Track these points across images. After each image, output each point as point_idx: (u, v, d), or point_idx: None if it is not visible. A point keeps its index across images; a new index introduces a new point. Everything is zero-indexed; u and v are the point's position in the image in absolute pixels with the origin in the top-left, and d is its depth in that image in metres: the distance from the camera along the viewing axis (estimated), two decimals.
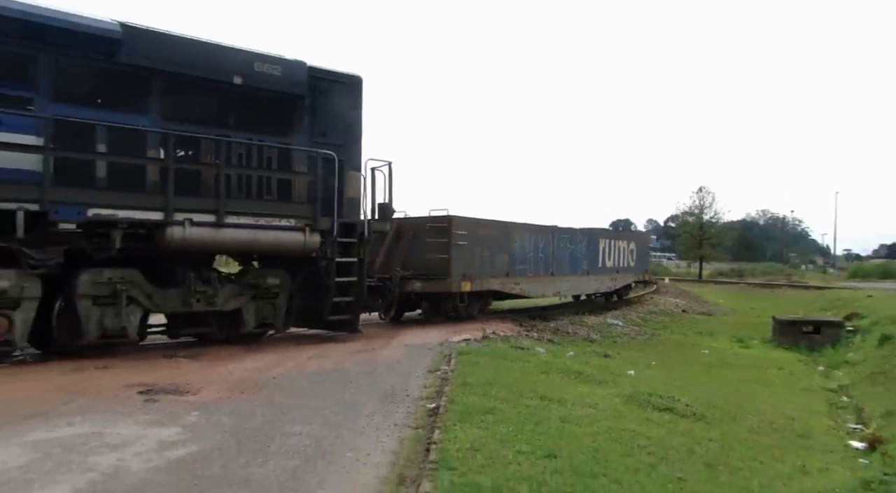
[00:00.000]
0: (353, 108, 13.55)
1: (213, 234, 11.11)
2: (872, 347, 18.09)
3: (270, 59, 12.10)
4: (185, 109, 11.23)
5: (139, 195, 10.48)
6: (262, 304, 12.25)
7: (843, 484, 7.94)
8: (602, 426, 7.65)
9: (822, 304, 31.37)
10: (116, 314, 10.30)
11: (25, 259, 9.44)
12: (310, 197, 12.48)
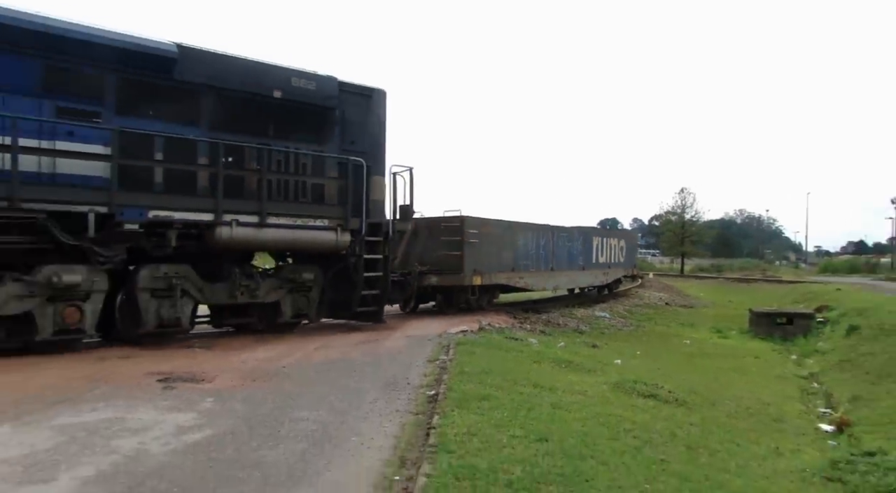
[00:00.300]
0: (377, 118, 14.00)
1: (257, 233, 11.54)
2: (840, 337, 18.13)
3: (306, 75, 12.59)
4: (230, 120, 11.65)
5: (192, 199, 10.92)
6: (297, 296, 12.69)
7: (814, 464, 7.97)
8: (590, 412, 7.67)
9: (794, 297, 31.42)
10: (172, 306, 10.75)
11: (95, 256, 9.86)
12: (340, 200, 12.90)
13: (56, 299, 9.56)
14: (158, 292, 10.66)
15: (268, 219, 11.61)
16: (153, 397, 7.18)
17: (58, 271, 9.49)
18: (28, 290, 9.32)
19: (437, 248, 17.32)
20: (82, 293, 9.77)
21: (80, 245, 9.67)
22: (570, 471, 5.27)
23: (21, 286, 9.29)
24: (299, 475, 4.92)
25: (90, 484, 4.59)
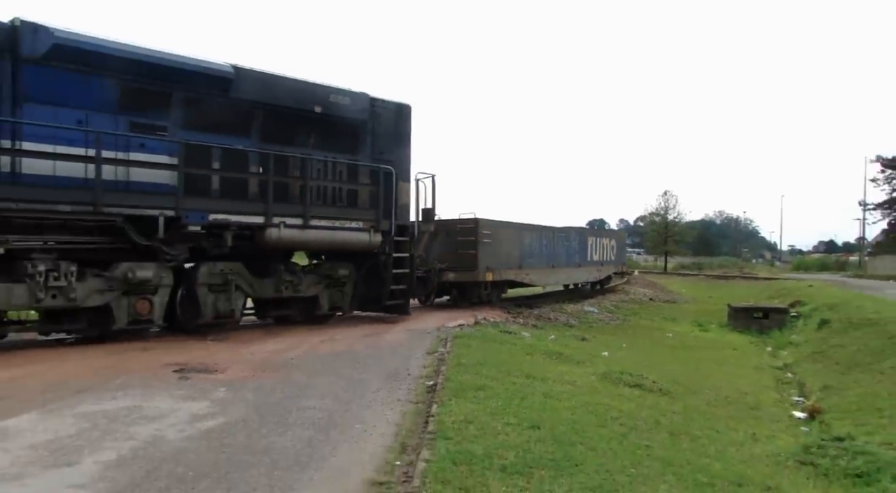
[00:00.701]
0: (404, 129, 14.62)
1: (301, 234, 12.11)
2: (813, 330, 18.13)
3: (342, 92, 13.20)
4: (277, 132, 12.24)
5: (245, 203, 11.50)
6: (333, 291, 13.24)
7: (787, 449, 7.98)
8: (580, 401, 7.67)
9: (770, 293, 31.44)
10: (227, 299, 11.30)
11: (163, 255, 10.45)
12: (372, 204, 13.50)
13: (130, 293, 10.12)
14: (215, 286, 11.19)
15: (310, 221, 12.21)
16: (169, 386, 7.18)
17: (132, 268, 10.06)
18: (107, 284, 9.87)
19: (454, 247, 17.87)
20: (152, 288, 10.34)
21: (150, 245, 10.25)
22: (561, 456, 5.28)
23: (101, 281, 9.82)
24: (306, 461, 4.92)
25: (111, 468, 4.60)
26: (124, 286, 9.99)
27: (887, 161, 53.52)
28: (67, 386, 6.97)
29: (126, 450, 4.97)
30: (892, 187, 54.50)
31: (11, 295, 9.02)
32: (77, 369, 7.93)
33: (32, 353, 8.88)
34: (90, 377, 7.47)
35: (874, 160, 54.61)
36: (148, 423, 5.71)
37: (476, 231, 17.94)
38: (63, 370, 7.86)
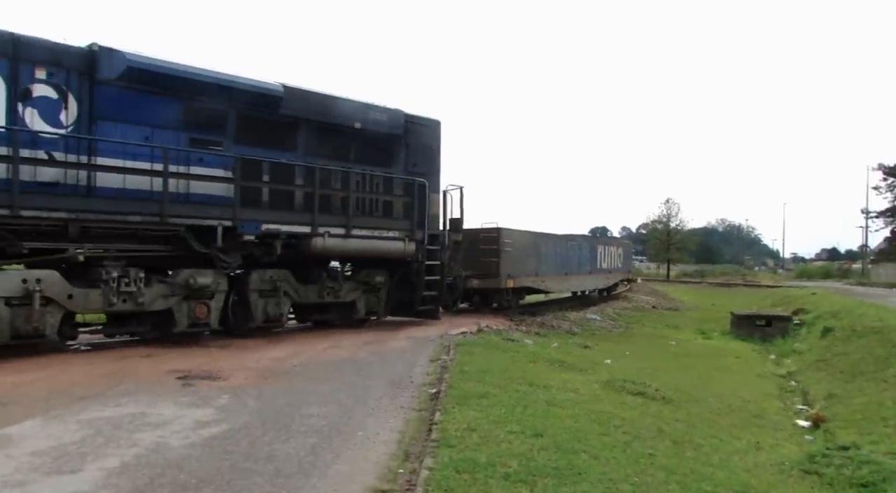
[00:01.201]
0: (434, 143, 15.36)
1: (343, 243, 12.82)
2: (816, 338, 18.07)
3: (379, 109, 13.91)
4: (320, 147, 12.89)
5: (293, 213, 12.18)
6: (369, 296, 13.98)
7: (791, 458, 7.93)
8: (583, 409, 7.63)
9: (773, 300, 31.37)
10: (276, 304, 12.03)
11: (220, 262, 11.09)
12: (406, 214, 14.24)
13: (190, 298, 10.79)
14: (265, 292, 11.92)
15: (352, 231, 12.94)
16: (173, 393, 7.17)
17: (193, 275, 10.75)
18: (170, 290, 10.58)
19: (477, 255, 18.40)
20: (209, 293, 11.02)
21: (208, 253, 10.91)
22: (564, 464, 5.25)
23: (165, 287, 10.55)
24: (309, 468, 4.90)
25: (115, 475, 4.58)
26: (185, 291, 10.68)
27: (889, 169, 53.46)
28: (71, 393, 6.96)
29: (129, 457, 4.96)
30: (894, 195, 54.44)
31: (88, 299, 9.68)
32: (81, 376, 7.92)
33: (37, 359, 8.87)
34: (94, 384, 7.46)
35: (876, 168, 54.59)
36: (151, 430, 5.70)
37: (499, 240, 18.58)
38: (67, 377, 7.85)
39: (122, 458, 4.92)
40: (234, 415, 6.31)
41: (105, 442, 5.29)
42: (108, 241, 10.02)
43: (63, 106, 9.78)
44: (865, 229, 59.84)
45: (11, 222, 9.00)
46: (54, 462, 4.79)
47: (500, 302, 19.13)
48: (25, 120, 9.35)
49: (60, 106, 9.75)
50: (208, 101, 11.16)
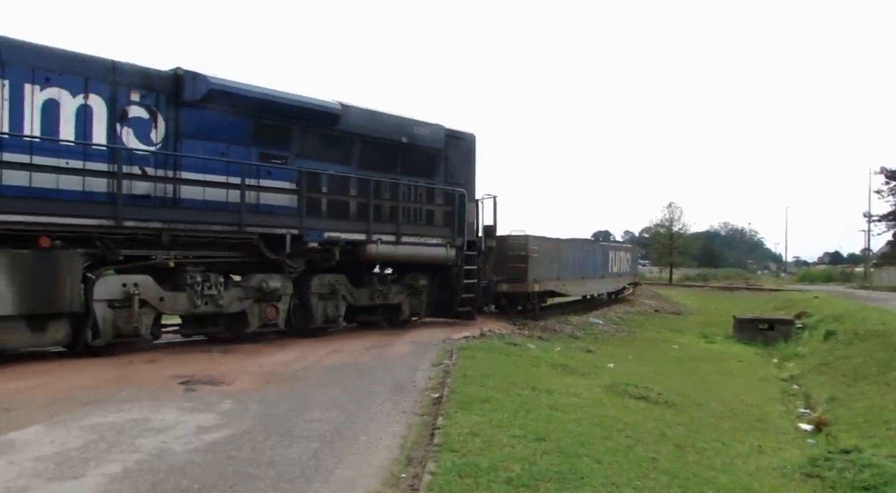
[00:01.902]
0: (470, 155, 16.53)
1: (394, 249, 13.83)
2: (818, 341, 18.02)
3: (423, 124, 15.04)
4: (372, 160, 13.87)
5: (349, 222, 13.16)
6: (413, 299, 14.97)
7: (794, 461, 7.90)
8: (585, 413, 7.62)
9: (775, 304, 31.26)
10: (335, 306, 13.04)
11: (287, 268, 12.03)
12: (446, 222, 15.28)
13: (261, 301, 11.76)
14: (324, 295, 12.93)
15: (402, 238, 13.96)
16: (176, 398, 7.17)
17: (265, 279, 11.73)
18: (244, 293, 11.56)
19: (506, 261, 19.10)
20: (277, 296, 11.97)
21: (277, 259, 11.86)
22: (567, 469, 5.24)
23: (240, 290, 11.55)
24: (312, 473, 4.90)
25: (117, 481, 4.59)
26: (257, 295, 11.66)
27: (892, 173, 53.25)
28: (74, 398, 6.97)
29: (132, 462, 4.96)
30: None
31: (176, 302, 10.64)
32: (84, 381, 7.92)
33: (40, 365, 8.89)
34: (97, 389, 7.47)
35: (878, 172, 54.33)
36: (154, 435, 5.70)
37: (527, 247, 19.53)
38: (70, 382, 7.86)
39: (124, 463, 4.92)
40: (237, 420, 6.31)
41: (108, 448, 5.30)
42: (190, 248, 10.98)
43: (153, 125, 10.73)
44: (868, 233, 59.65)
45: (114, 232, 9.92)
46: (57, 468, 4.79)
47: (526, 305, 20.01)
48: (122, 138, 10.32)
49: (151, 125, 10.70)
50: (275, 118, 12.16)
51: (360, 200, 13.36)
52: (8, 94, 9.23)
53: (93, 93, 10.06)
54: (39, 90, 9.52)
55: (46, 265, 9.32)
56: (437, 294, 15.58)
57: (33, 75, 9.45)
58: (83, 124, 9.95)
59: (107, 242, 9.92)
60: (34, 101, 9.50)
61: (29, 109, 9.44)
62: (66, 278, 9.42)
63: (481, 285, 16.72)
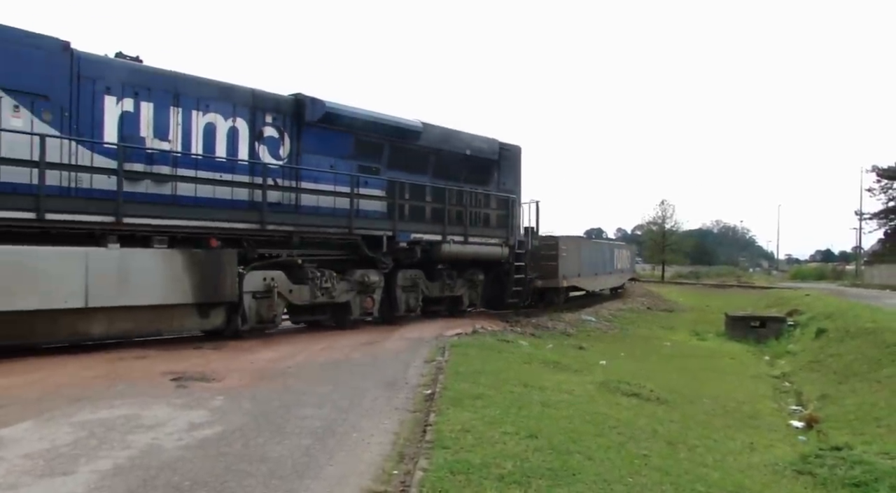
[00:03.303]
0: (517, 165, 18.87)
1: (462, 248, 16.06)
2: (810, 339, 18.10)
3: (481, 139, 17.42)
4: (443, 171, 16.14)
5: (426, 224, 15.23)
6: (471, 291, 17.21)
7: (785, 458, 7.94)
8: (577, 410, 7.64)
9: (767, 302, 31.43)
10: (415, 297, 15.31)
11: (381, 264, 14.06)
12: (499, 224, 17.57)
13: (361, 292, 13.78)
14: (406, 288, 15.06)
15: (469, 238, 16.18)
16: (167, 395, 7.15)
17: (366, 273, 13.80)
18: (349, 286, 13.52)
19: (539, 259, 20.53)
20: (373, 288, 13.98)
21: (374, 257, 13.88)
22: (559, 465, 5.26)
23: (346, 284, 13.47)
24: (303, 469, 4.89)
25: (108, 477, 4.57)
26: (359, 287, 13.69)
27: (883, 171, 53.69)
28: (65, 394, 6.94)
29: (123, 459, 4.94)
30: (888, 197, 54.71)
31: (301, 293, 12.51)
32: (75, 378, 7.89)
33: (30, 361, 8.84)
34: (88, 386, 7.44)
35: (870, 170, 54.85)
36: (145, 432, 5.68)
37: (557, 246, 21.78)
38: (61, 379, 7.82)
39: (115, 460, 4.90)
40: (229, 417, 6.29)
41: (98, 444, 5.28)
42: (307, 248, 12.86)
43: (281, 143, 12.81)
44: (859, 231, 60.14)
45: (258, 234, 11.80)
46: (47, 465, 4.77)
47: (554, 299, 22.28)
48: (259, 155, 12.35)
49: (280, 143, 12.79)
50: (371, 136, 14.26)
51: (435, 205, 15.53)
52: (181, 119, 11.21)
53: (239, 117, 12.07)
54: (202, 116, 11.51)
55: (214, 262, 11.10)
56: (489, 288, 17.80)
57: (198, 103, 11.43)
58: (232, 143, 11.96)
59: (251, 243, 11.80)
60: (198, 125, 11.47)
61: (195, 132, 11.40)
62: (227, 273, 11.24)
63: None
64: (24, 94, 9.42)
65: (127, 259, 10.03)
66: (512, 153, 18.62)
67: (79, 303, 9.42)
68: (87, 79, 10.11)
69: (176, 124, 11.12)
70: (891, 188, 54.09)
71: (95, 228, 9.79)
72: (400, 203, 14.53)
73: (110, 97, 10.40)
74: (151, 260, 10.31)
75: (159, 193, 10.80)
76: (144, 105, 10.77)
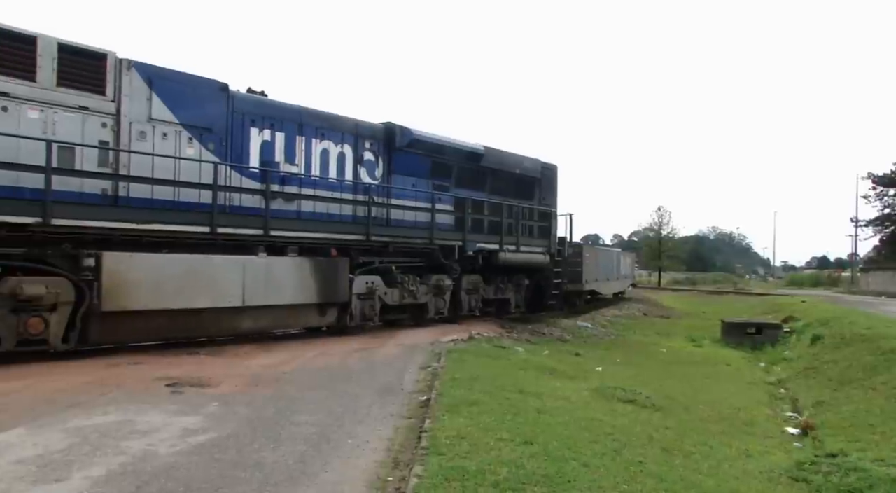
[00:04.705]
0: (554, 181, 21.23)
1: (515, 256, 18.11)
2: (805, 346, 18.09)
3: (528, 159, 19.82)
4: (497, 188, 18.34)
5: (484, 235, 17.26)
6: (517, 294, 19.39)
7: (780, 465, 7.93)
8: (573, 416, 7.63)
9: (763, 308, 31.42)
10: (476, 299, 17.49)
11: (451, 270, 16.19)
12: (542, 234, 19.92)
13: (436, 294, 15.91)
14: (469, 290, 17.22)
15: (521, 247, 18.27)
16: (161, 401, 7.13)
17: (441, 278, 15.93)
18: (427, 289, 15.66)
19: (566, 265, 22.29)
20: (446, 290, 16.08)
21: (446, 263, 15.94)
22: (554, 472, 5.25)
23: (426, 287, 15.62)
24: (298, 476, 4.88)
25: (101, 483, 4.55)
26: (434, 290, 15.78)
27: (878, 178, 53.80)
28: (59, 400, 6.92)
29: (116, 465, 4.92)
30: (883, 204, 54.72)
31: (392, 295, 14.67)
32: (69, 383, 7.86)
33: (24, 366, 8.81)
34: (82, 391, 7.41)
35: (865, 177, 54.90)
36: (139, 438, 5.66)
37: (582, 253, 24.35)
38: (55, 384, 7.79)
39: (108, 466, 4.89)
40: (223, 423, 6.28)
41: (92, 450, 5.26)
42: (395, 256, 14.76)
43: (377, 165, 14.96)
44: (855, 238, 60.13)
45: (363, 244, 13.82)
46: (39, 471, 4.75)
47: (576, 301, 24.90)
48: (360, 176, 14.53)
49: (376, 165, 14.95)
50: (444, 158, 16.49)
51: (492, 218, 17.62)
52: (304, 146, 13.35)
53: (346, 143, 14.22)
54: (318, 143, 13.66)
55: (333, 269, 13.08)
56: (531, 292, 20.01)
57: (316, 132, 13.59)
58: (340, 166, 14.12)
59: (356, 252, 13.75)
60: (316, 151, 13.60)
61: (315, 157, 13.56)
62: (342, 278, 13.23)
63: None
64: (195, 127, 11.43)
65: (271, 266, 12.01)
66: (551, 171, 21.00)
67: (237, 302, 11.36)
68: (238, 113, 12.19)
69: (300, 151, 13.29)
70: (886, 195, 54.18)
71: (249, 239, 11.81)
72: (466, 217, 16.58)
73: (254, 129, 12.50)
74: (289, 267, 12.34)
75: (288, 210, 12.79)
76: (278, 135, 12.90)
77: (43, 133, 9.52)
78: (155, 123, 10.89)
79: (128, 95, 10.55)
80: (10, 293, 9.02)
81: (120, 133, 10.47)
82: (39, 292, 9.21)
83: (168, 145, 11.03)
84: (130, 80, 10.58)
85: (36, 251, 9.48)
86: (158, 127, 10.92)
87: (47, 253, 9.57)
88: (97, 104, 10.23)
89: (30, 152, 9.22)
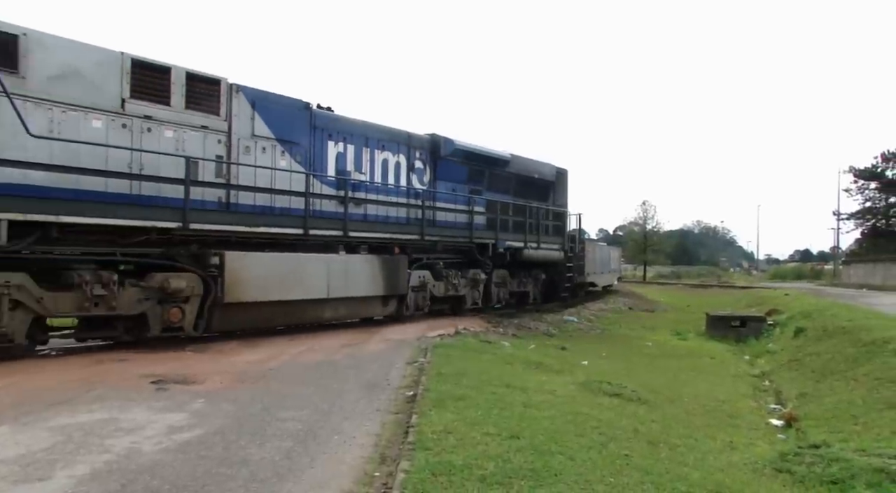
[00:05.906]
0: (565, 184, 23.46)
1: (536, 252, 20.25)
2: (789, 338, 18.25)
3: (544, 164, 22.09)
4: (519, 191, 20.48)
5: (510, 233, 19.26)
6: (535, 288, 21.66)
7: (764, 456, 7.99)
8: (559, 410, 7.65)
9: (747, 301, 31.67)
10: (505, 292, 19.80)
11: (485, 265, 18.33)
12: (557, 233, 22.22)
13: (472, 287, 17.91)
14: (498, 284, 19.26)
15: (541, 245, 20.42)
16: (146, 398, 7.08)
17: (477, 272, 17.96)
18: (466, 282, 17.61)
19: (576, 260, 24.43)
20: (480, 284, 18.17)
21: (481, 259, 18.05)
22: (540, 466, 5.26)
23: (464, 280, 17.52)
24: (284, 472, 4.87)
25: (85, 482, 4.51)
26: (471, 283, 17.77)
27: (860, 172, 54.34)
28: (42, 398, 6.85)
29: (101, 463, 4.88)
30: (864, 198, 55.32)
31: (440, 287, 16.68)
32: (53, 381, 7.78)
33: (7, 365, 8.71)
34: (66, 389, 7.34)
35: (847, 171, 55.45)
36: (124, 435, 5.62)
37: (585, 249, 26.16)
38: (38, 382, 7.71)
39: (92, 465, 4.85)
40: (209, 419, 6.24)
41: (76, 449, 5.21)
42: (441, 253, 16.82)
43: (425, 173, 16.95)
44: (837, 231, 60.89)
45: (417, 243, 15.82)
46: (22, 470, 4.70)
47: (578, 292, 26.64)
48: (412, 182, 16.46)
49: (424, 173, 16.93)
50: (478, 165, 18.58)
51: (516, 218, 19.53)
52: (369, 157, 15.26)
53: (400, 153, 16.15)
54: (380, 153, 15.58)
55: (395, 265, 14.97)
56: (546, 286, 22.31)
57: (378, 144, 15.52)
58: (396, 174, 16.01)
59: (410, 250, 15.62)
60: (378, 160, 15.52)
61: (377, 166, 15.49)
62: (402, 273, 15.13)
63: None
64: (286, 142, 13.11)
65: (348, 262, 13.85)
66: (563, 175, 23.32)
67: (323, 294, 13.10)
68: (318, 129, 13.94)
69: (366, 161, 15.16)
70: (867, 189, 54.76)
71: (332, 239, 13.63)
72: (498, 218, 18.41)
73: (331, 142, 14.31)
74: (362, 263, 14.17)
75: (358, 213, 14.55)
76: (349, 147, 14.72)
77: (175, 150, 10.98)
78: (256, 138, 12.52)
79: (236, 114, 12.10)
80: (158, 287, 10.42)
81: (231, 148, 12.03)
82: (181, 286, 10.67)
83: (266, 158, 12.69)
84: (238, 102, 12.15)
85: (172, 251, 10.91)
86: (259, 142, 12.58)
87: (180, 253, 10.99)
88: (214, 123, 11.74)
89: (166, 166, 10.70)
